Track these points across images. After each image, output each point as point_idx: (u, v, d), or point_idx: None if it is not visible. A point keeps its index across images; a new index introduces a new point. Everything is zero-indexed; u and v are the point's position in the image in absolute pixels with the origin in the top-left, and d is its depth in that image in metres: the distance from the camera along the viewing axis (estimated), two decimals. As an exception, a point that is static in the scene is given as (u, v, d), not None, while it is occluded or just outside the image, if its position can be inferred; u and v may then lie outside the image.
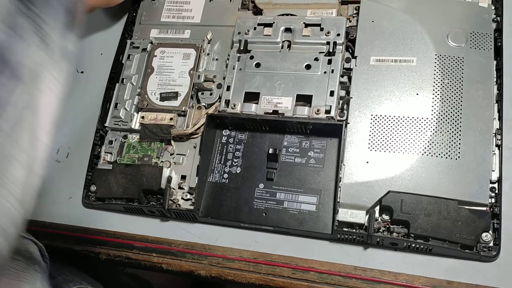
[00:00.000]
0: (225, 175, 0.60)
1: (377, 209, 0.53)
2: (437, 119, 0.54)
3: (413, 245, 0.51)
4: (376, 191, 0.52)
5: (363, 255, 0.54)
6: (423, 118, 0.54)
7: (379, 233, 0.52)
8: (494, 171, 0.51)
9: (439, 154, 0.52)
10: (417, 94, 0.56)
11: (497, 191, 0.51)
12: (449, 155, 0.52)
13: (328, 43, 0.61)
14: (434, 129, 0.54)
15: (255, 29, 0.64)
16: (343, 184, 0.53)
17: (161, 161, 0.62)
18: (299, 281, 0.54)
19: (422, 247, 0.51)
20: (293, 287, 0.54)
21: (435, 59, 0.57)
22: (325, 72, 0.59)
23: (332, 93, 0.58)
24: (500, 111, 0.54)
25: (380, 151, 0.54)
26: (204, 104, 0.63)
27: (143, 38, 0.70)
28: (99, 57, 0.74)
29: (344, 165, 0.54)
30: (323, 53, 0.61)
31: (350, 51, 0.61)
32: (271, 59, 0.62)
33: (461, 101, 0.54)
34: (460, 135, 0.53)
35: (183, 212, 0.59)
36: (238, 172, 0.60)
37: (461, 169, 0.51)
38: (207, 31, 0.68)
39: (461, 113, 0.54)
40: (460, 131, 0.53)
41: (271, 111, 0.59)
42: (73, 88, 0.72)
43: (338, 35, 0.61)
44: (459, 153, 0.52)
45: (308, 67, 0.60)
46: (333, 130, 0.57)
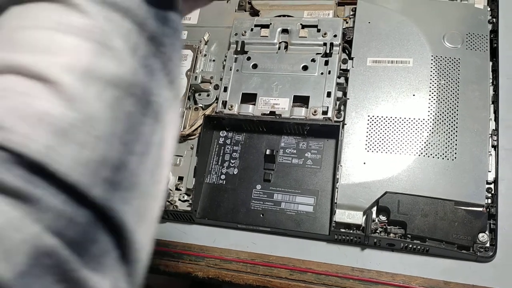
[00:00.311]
0: (222, 176, 0.60)
1: (374, 210, 0.53)
2: (433, 120, 0.54)
3: (410, 246, 0.51)
4: (373, 192, 0.53)
5: (360, 256, 0.54)
6: (419, 119, 0.54)
7: (376, 234, 0.52)
8: (490, 171, 0.52)
9: (436, 155, 0.53)
10: (414, 95, 0.56)
11: (493, 192, 0.51)
12: (446, 156, 0.52)
13: (325, 44, 0.61)
14: (430, 130, 0.54)
15: (252, 30, 0.64)
16: (340, 185, 0.54)
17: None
18: (296, 282, 0.54)
19: (419, 247, 0.51)
20: (290, 288, 0.54)
21: (432, 60, 0.57)
22: (322, 73, 0.59)
23: (329, 94, 0.58)
24: (496, 112, 0.54)
25: (377, 152, 0.54)
26: (201, 105, 0.63)
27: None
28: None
29: (341, 166, 0.54)
30: (320, 54, 0.61)
31: (346, 52, 0.61)
32: (268, 60, 0.62)
33: (458, 102, 0.54)
34: (456, 136, 0.53)
35: (180, 213, 0.59)
36: (235, 173, 0.60)
37: (458, 170, 0.51)
38: (204, 32, 0.68)
39: (457, 114, 0.54)
40: (456, 132, 0.53)
41: (268, 112, 0.59)
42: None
43: (335, 36, 0.61)
44: (456, 154, 0.52)
45: (305, 68, 0.60)
46: (330, 131, 0.57)
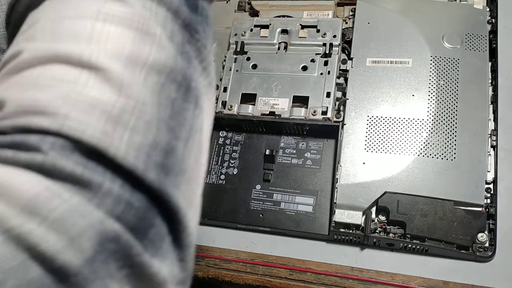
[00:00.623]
0: (222, 176, 0.60)
1: (374, 210, 0.53)
2: (432, 120, 0.54)
3: (409, 246, 0.51)
4: (372, 192, 0.53)
5: (359, 255, 0.54)
6: (419, 119, 0.55)
7: (375, 234, 0.52)
8: (489, 172, 0.52)
9: (435, 155, 0.53)
10: (413, 95, 0.56)
11: (492, 192, 0.51)
12: (445, 156, 0.52)
13: (324, 45, 0.61)
14: (430, 130, 0.54)
15: (251, 30, 0.64)
16: (340, 185, 0.54)
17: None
18: (296, 282, 0.54)
19: (418, 247, 0.51)
20: (290, 288, 0.54)
21: (431, 60, 0.57)
22: (321, 73, 0.60)
23: (328, 95, 0.58)
24: (495, 112, 0.55)
25: (376, 152, 0.54)
26: (200, 105, 0.63)
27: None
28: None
29: (340, 166, 0.54)
30: (320, 54, 0.61)
31: (346, 53, 0.61)
32: (268, 60, 0.62)
33: (457, 103, 0.54)
34: (455, 136, 0.53)
35: (180, 213, 0.59)
36: (235, 173, 0.60)
37: (457, 170, 0.52)
38: (203, 32, 0.68)
39: (456, 114, 0.54)
40: (455, 132, 0.53)
41: (268, 112, 0.59)
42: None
43: (334, 36, 0.61)
44: (455, 154, 0.52)
45: (304, 68, 0.61)
46: (330, 131, 0.57)
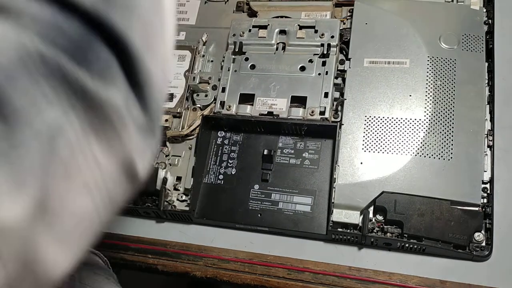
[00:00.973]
0: (220, 176, 0.60)
1: (371, 209, 0.53)
2: (429, 120, 0.54)
3: (407, 245, 0.52)
4: (370, 191, 0.53)
5: (357, 255, 0.54)
6: (416, 119, 0.55)
7: (373, 234, 0.52)
8: (486, 171, 0.52)
9: (432, 155, 0.53)
10: (410, 95, 0.56)
11: (489, 192, 0.51)
12: (442, 156, 0.53)
13: (322, 45, 0.61)
14: (427, 130, 0.54)
15: (250, 31, 0.64)
16: (338, 185, 0.54)
17: (156, 163, 0.62)
18: (294, 281, 0.54)
19: (415, 247, 0.51)
20: (288, 288, 0.54)
21: (428, 61, 0.57)
22: (319, 73, 0.60)
23: (326, 95, 0.58)
24: (492, 112, 0.55)
25: (374, 152, 0.55)
26: (199, 105, 0.64)
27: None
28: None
29: (338, 166, 0.55)
30: (317, 55, 0.61)
31: (344, 53, 0.62)
32: (266, 60, 0.62)
33: (454, 103, 0.55)
34: (452, 136, 0.53)
35: (178, 213, 0.59)
36: (233, 173, 0.60)
37: (454, 169, 0.52)
38: (202, 33, 0.68)
39: (453, 115, 0.54)
40: (452, 132, 0.53)
41: (266, 113, 0.60)
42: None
43: (332, 37, 0.61)
44: (452, 154, 0.52)
45: (302, 68, 0.61)
46: (328, 131, 0.57)
